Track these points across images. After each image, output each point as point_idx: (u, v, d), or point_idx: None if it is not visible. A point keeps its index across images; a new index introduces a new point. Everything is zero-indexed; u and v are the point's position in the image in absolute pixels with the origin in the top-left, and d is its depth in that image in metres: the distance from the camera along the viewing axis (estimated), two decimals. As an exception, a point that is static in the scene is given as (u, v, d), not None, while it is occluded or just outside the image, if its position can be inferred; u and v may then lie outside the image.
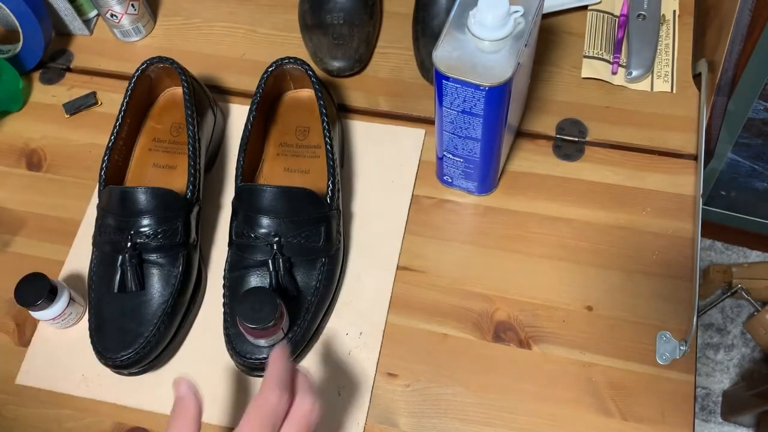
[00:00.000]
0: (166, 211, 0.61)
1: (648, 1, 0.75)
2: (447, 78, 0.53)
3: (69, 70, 0.82)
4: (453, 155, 0.63)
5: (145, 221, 0.61)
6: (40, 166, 0.75)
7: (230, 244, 0.63)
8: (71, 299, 0.63)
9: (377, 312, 0.64)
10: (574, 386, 0.59)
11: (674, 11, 0.76)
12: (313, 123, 0.70)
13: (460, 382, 0.60)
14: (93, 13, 0.84)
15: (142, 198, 0.61)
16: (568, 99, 0.73)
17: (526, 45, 0.53)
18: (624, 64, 0.73)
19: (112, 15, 0.78)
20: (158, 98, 0.73)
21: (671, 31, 0.75)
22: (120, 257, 0.61)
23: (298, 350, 0.60)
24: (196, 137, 0.66)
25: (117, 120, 0.67)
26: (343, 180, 0.70)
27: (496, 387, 0.60)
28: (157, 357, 0.61)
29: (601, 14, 0.77)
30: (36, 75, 0.81)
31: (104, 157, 0.65)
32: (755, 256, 1.46)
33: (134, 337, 0.59)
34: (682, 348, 0.59)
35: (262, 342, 0.58)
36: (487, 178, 0.66)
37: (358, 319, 0.64)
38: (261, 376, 0.61)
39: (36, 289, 0.60)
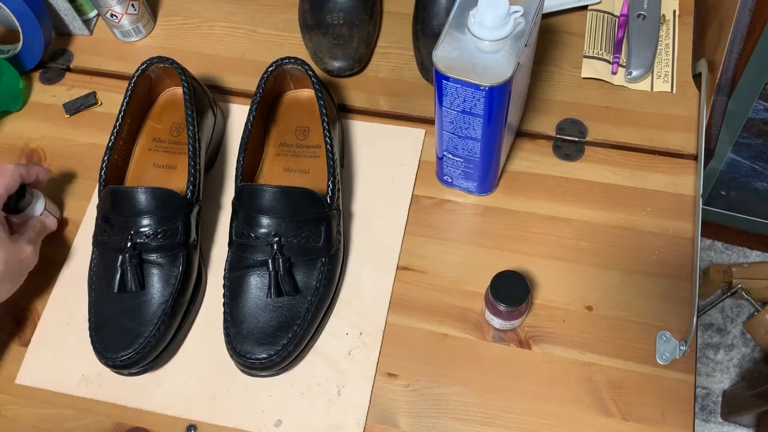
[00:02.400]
0: (166, 211, 0.61)
1: (648, 1, 0.75)
2: (447, 78, 0.53)
3: (69, 70, 0.82)
4: (453, 155, 0.63)
5: (145, 221, 0.61)
6: (40, 166, 0.75)
7: (230, 243, 0.63)
8: (45, 209, 0.67)
9: (377, 312, 0.64)
10: (574, 386, 0.59)
11: (674, 11, 0.76)
12: (314, 123, 0.70)
13: (459, 382, 0.60)
14: (93, 13, 0.84)
15: (142, 198, 0.61)
16: (568, 99, 0.73)
17: (526, 45, 0.53)
18: (624, 63, 0.73)
19: (112, 15, 0.78)
20: (158, 98, 0.73)
21: (671, 31, 0.75)
22: (120, 257, 0.61)
23: (297, 350, 0.60)
24: (196, 137, 0.66)
25: (117, 120, 0.67)
26: (343, 180, 0.70)
27: (495, 387, 0.60)
28: (157, 357, 0.61)
29: (601, 14, 0.77)
30: (36, 75, 0.82)
31: (104, 157, 0.65)
32: (755, 255, 1.46)
33: (134, 337, 0.59)
34: (682, 348, 0.59)
35: (501, 322, 0.60)
36: (487, 178, 0.66)
37: (358, 319, 0.64)
38: (261, 375, 0.61)
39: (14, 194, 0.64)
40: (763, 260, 1.45)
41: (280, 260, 0.60)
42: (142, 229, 0.61)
